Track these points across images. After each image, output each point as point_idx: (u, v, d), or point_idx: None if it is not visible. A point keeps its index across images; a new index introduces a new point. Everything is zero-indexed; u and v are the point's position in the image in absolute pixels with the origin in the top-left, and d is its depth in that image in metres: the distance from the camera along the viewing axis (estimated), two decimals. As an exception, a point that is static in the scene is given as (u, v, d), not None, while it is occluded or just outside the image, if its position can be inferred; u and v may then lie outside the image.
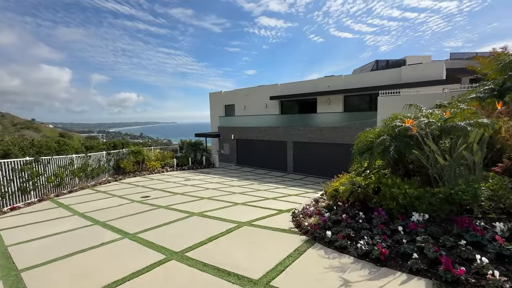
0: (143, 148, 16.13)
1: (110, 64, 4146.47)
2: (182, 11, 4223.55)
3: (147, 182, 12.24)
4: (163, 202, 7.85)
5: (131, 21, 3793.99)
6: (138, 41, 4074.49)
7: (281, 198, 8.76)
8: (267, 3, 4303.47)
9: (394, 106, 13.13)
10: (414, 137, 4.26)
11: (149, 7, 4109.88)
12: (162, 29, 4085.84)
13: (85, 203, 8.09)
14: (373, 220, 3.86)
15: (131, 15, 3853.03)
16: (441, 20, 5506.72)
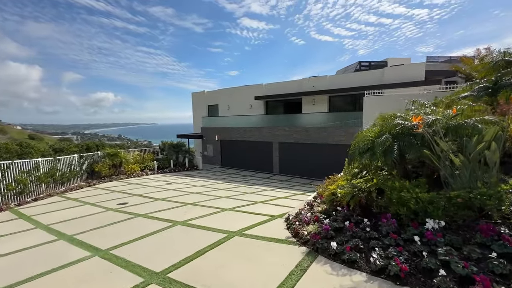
0: (120, 150, 15.05)
1: (85, 62, 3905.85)
2: (162, 10, 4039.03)
3: (125, 187, 11.30)
4: (142, 210, 7.10)
5: (107, 18, 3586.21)
6: (115, 39, 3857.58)
7: (270, 202, 8.30)
8: (249, 5, 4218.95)
9: (379, 105, 13.21)
10: (418, 136, 3.95)
11: (127, 4, 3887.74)
12: (141, 27, 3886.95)
13: (51, 213, 7.14)
14: (381, 228, 3.49)
15: (108, 12, 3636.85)
16: (414, 27, 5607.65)
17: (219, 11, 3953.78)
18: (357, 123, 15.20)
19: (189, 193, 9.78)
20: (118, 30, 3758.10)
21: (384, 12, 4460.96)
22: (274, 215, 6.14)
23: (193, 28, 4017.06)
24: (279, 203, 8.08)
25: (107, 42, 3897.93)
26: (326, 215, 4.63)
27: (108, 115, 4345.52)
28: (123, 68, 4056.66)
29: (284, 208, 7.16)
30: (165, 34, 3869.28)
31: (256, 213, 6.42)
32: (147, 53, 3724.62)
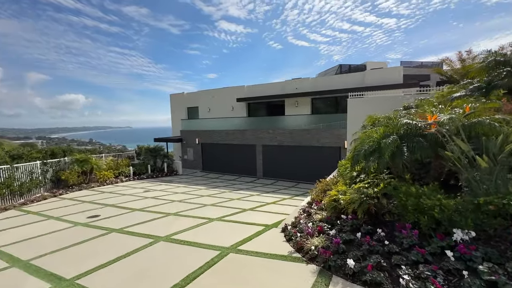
0: (91, 156, 13.73)
1: (52, 62, 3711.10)
2: (136, 10, 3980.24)
3: (97, 197, 10.17)
4: (117, 223, 6.22)
5: (77, 17, 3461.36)
6: (85, 38, 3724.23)
7: (260, 209, 7.77)
8: (226, 8, 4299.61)
9: (363, 107, 13.26)
10: (429, 136, 3.66)
11: (99, 2, 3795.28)
12: (113, 27, 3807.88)
13: (4, 232, 6.04)
14: (399, 240, 3.12)
15: (77, 10, 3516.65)
16: (383, 35, 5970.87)
17: (196, 13, 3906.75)
18: (341, 124, 15.20)
19: (170, 201, 8.96)
20: (88, 29, 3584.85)
21: (357, 20, 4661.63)
22: (268, 224, 5.62)
23: (170, 29, 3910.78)
24: (269, 210, 7.57)
25: (76, 41, 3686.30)
26: (330, 225, 4.20)
27: (78, 118, 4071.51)
28: (95, 69, 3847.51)
29: (277, 215, 6.66)
30: (139, 34, 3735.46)
31: (247, 223, 5.85)
32: (121, 53, 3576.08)
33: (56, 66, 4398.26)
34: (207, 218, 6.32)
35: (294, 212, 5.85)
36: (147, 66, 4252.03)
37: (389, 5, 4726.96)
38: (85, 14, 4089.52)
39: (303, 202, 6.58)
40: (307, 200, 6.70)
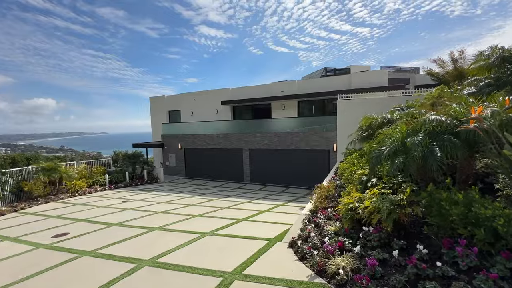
0: (60, 164, 12.31)
1: (18, 64, 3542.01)
2: (112, 11, 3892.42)
3: (66, 210, 8.92)
4: (90, 244, 5.22)
5: (46, 16, 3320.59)
6: (56, 39, 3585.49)
7: (255, 218, 7.05)
8: (206, 13, 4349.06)
9: (354, 109, 13.04)
10: (463, 133, 3.20)
11: (71, 3, 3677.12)
12: (87, 28, 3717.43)
13: None
14: (449, 260, 2.57)
15: (46, 10, 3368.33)
16: (358, 43, 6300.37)
17: (175, 17, 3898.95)
18: (330, 127, 14.94)
19: (153, 213, 7.97)
20: (60, 30, 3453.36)
21: (333, 28, 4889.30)
22: (270, 238, 4.92)
23: (148, 33, 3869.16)
24: (265, 219, 6.87)
25: (45, 43, 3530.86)
26: (349, 238, 3.60)
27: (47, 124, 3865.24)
28: (66, 72, 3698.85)
29: (276, 226, 5.98)
30: (115, 37, 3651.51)
31: (246, 237, 5.11)
32: (95, 56, 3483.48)
33: (23, 69, 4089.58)
34: (198, 233, 5.49)
35: (297, 222, 5.21)
36: (124, 69, 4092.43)
37: (362, 15, 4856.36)
38: (55, 14, 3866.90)
39: (304, 210, 5.97)
40: (309, 207, 6.10)
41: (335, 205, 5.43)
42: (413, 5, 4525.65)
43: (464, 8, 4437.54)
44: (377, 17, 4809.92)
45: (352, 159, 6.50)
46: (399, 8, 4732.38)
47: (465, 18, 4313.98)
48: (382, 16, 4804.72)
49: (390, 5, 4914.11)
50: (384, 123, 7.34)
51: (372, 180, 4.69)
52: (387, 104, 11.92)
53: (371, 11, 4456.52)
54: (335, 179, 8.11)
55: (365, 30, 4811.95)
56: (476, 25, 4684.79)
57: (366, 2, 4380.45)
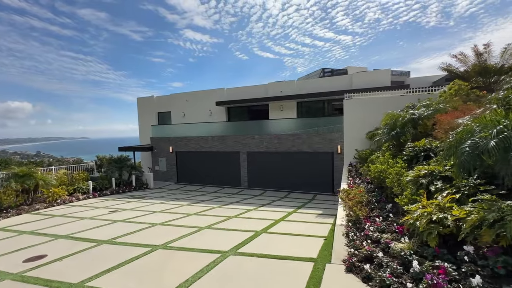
0: (36, 169, 10.76)
1: None
2: (93, 13, 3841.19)
3: (43, 223, 7.52)
4: (76, 271, 4.01)
5: (21, 16, 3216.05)
6: (32, 40, 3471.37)
7: (273, 230, 6.04)
8: (191, 17, 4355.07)
9: (361, 108, 12.40)
10: None
11: (48, 2, 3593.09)
12: (66, 29, 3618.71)
13: None
14: None
15: (22, 9, 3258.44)
16: (341, 50, 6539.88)
17: (159, 20, 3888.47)
18: (333, 129, 14.27)
19: (149, 225, 6.78)
20: (36, 30, 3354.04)
21: (317, 35, 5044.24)
22: (312, 257, 3.94)
23: (131, 36, 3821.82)
24: (287, 230, 5.86)
25: (20, 43, 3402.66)
26: (448, 262, 2.67)
27: (21, 128, 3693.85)
28: (43, 74, 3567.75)
29: (306, 239, 5.03)
30: (97, 39, 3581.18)
31: (281, 257, 4.03)
32: (75, 58, 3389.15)
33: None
34: (216, 252, 4.41)
35: (337, 235, 4.30)
36: (106, 72, 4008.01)
37: (345, 23, 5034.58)
38: (31, 14, 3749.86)
39: (338, 220, 5.06)
40: (342, 216, 5.20)
41: (379, 213, 4.56)
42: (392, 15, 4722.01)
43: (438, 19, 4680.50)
44: (358, 25, 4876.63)
45: (386, 159, 5.69)
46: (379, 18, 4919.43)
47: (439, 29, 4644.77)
48: (363, 25, 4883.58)
49: (371, 14, 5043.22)
50: (413, 120, 6.64)
51: (436, 184, 3.86)
52: (396, 103, 11.39)
53: (353, 20, 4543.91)
54: (358, 182, 7.30)
55: (348, 38, 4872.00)
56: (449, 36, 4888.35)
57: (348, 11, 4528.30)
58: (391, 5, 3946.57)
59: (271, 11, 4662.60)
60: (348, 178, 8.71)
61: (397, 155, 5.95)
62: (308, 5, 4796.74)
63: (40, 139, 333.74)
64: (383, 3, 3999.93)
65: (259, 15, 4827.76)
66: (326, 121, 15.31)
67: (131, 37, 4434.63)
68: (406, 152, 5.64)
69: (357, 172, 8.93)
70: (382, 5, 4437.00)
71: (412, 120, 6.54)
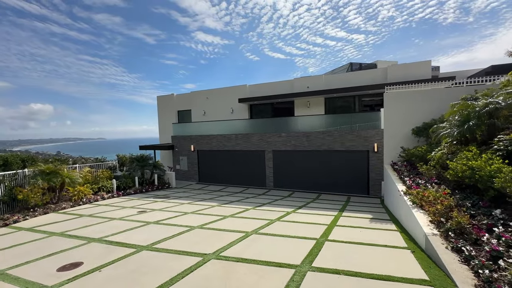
0: (62, 166, 10.37)
1: (14, 70, 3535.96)
2: (108, 18, 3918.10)
3: (71, 224, 6.99)
4: (120, 284, 3.34)
5: (42, 23, 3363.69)
6: (52, 45, 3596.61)
7: (335, 237, 5.18)
8: (203, 19, 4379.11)
9: (405, 102, 11.17)
10: None
11: (67, 8, 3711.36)
12: (84, 34, 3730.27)
13: None
14: None
15: (43, 16, 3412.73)
16: (354, 49, 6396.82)
17: (172, 23, 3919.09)
18: (367, 125, 13.20)
19: (187, 228, 6.07)
20: (56, 35, 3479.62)
21: (329, 35, 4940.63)
22: (424, 279, 3.06)
23: (145, 39, 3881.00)
24: (352, 238, 4.95)
25: (42, 48, 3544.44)
26: None
27: (43, 129, 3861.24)
28: (63, 77, 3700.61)
29: (389, 251, 4.14)
30: (112, 43, 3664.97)
31: (381, 277, 3.14)
32: (92, 62, 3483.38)
33: (19, 74, 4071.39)
34: (286, 265, 3.58)
35: (439, 249, 3.39)
36: (121, 75, 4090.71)
37: (357, 22, 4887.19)
38: (52, 20, 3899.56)
39: (425, 229, 4.12)
40: (425, 223, 4.27)
41: (484, 221, 3.61)
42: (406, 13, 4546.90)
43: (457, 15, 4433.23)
44: (371, 24, 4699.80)
45: (476, 155, 4.69)
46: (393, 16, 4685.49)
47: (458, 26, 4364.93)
48: (376, 23, 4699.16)
49: (384, 12, 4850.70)
50: (496, 109, 5.60)
51: None
52: (445, 96, 10.23)
53: (365, 18, 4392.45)
54: (421, 182, 6.29)
55: (360, 37, 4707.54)
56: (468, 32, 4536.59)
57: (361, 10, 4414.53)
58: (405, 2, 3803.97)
59: (281, 11, 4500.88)
60: (401, 178, 7.70)
61: (482, 151, 4.97)
62: (319, 4, 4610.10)
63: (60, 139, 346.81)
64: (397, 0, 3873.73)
65: (269, 16, 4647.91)
66: (358, 117, 14.23)
67: (145, 40, 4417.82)
68: (499, 145, 4.65)
69: (411, 171, 7.91)
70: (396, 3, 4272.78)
71: (495, 109, 5.50)
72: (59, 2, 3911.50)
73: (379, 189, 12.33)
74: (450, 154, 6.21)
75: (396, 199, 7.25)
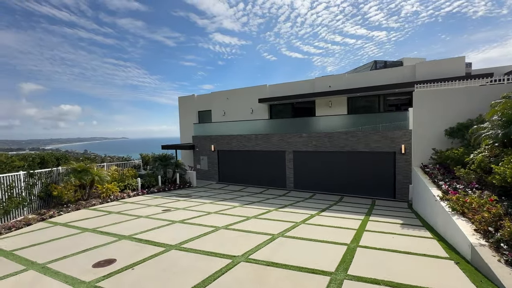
0: (91, 165, 10.85)
1: (46, 73, 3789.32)
2: (131, 22, 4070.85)
3: (102, 220, 7.27)
4: (154, 286, 3.37)
5: (71, 28, 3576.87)
6: (80, 50, 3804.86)
7: (366, 243, 4.95)
8: (220, 21, 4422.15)
9: (437, 101, 10.46)
10: None
11: (93, 14, 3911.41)
12: (108, 38, 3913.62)
13: None
14: None
15: (72, 22, 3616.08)
16: (375, 47, 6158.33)
17: (190, 25, 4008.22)
18: (392, 126, 12.63)
19: (212, 229, 6.09)
20: (84, 40, 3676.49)
21: (348, 32, 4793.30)
22: None
23: (165, 42, 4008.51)
24: (386, 245, 4.70)
25: (71, 53, 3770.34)
26: None
27: (72, 129, 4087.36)
28: (89, 80, 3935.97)
29: (433, 262, 3.87)
30: (135, 46, 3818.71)
31: None
32: (116, 65, 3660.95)
33: (51, 77, 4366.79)
34: (319, 272, 3.40)
35: (493, 264, 3.10)
36: (143, 77, 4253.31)
37: (378, 18, 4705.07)
38: (80, 26, 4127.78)
39: (471, 239, 3.81)
40: (469, 232, 3.95)
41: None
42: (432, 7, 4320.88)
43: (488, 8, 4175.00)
44: (394, 20, 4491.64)
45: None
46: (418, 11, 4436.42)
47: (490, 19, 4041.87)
48: (399, 19, 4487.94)
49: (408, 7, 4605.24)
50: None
51: None
52: (484, 94, 9.47)
53: (387, 14, 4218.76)
54: (460, 187, 5.87)
55: (382, 34, 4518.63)
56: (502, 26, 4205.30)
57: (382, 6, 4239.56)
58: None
59: (299, 10, 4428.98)
60: (435, 182, 7.24)
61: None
62: (338, 1, 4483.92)
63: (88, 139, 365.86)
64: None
65: (287, 15, 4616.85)
66: (383, 117, 13.64)
67: (165, 43, 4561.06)
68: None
69: (446, 175, 7.42)
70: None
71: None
72: (86, 8, 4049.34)
73: (407, 193, 11.76)
74: (493, 157, 5.75)
75: (430, 205, 6.83)
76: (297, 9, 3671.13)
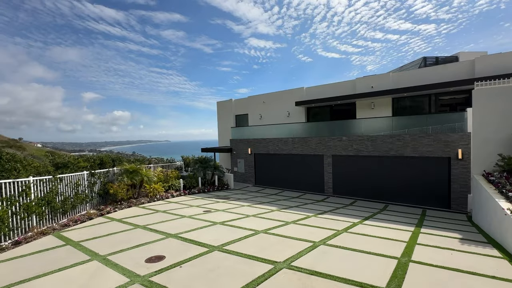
0: (141, 166, 11.80)
1: (102, 83, 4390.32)
2: (173, 33, 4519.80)
3: (151, 218, 7.85)
4: (202, 285, 3.52)
5: (123, 42, 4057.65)
6: (130, 61, 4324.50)
7: (421, 259, 4.54)
8: (255, 26, 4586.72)
9: (504, 100, 9.30)
10: None
11: (141, 28, 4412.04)
12: (153, 49, 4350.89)
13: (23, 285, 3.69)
14: None
15: (123, 36, 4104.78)
16: (422, 42, 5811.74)
17: (227, 32, 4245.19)
18: (448, 128, 11.41)
19: (252, 232, 6.15)
20: (133, 52, 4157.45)
21: (390, 28, 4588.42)
22: None
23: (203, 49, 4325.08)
24: (448, 263, 4.24)
25: (122, 64, 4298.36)
26: None
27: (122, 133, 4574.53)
28: (137, 88, 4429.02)
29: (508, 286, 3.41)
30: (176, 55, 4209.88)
31: None
32: (159, 73, 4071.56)
33: (106, 86, 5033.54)
34: (370, 287, 3.25)
35: None
36: (183, 83, 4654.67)
37: (426, 10, 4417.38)
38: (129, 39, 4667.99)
39: None
40: None
41: None
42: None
43: None
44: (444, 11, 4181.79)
45: None
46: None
47: None
48: (451, 9, 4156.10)
49: None
50: None
51: None
52: None
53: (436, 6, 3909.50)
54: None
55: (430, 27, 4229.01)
56: None
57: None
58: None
59: (336, 9, 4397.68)
60: (502, 193, 6.34)
61: None
62: None
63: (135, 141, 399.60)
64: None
65: (323, 15, 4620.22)
66: (435, 119, 12.42)
67: (203, 50, 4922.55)
68: None
69: (517, 185, 6.46)
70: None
71: None
72: (135, 23, 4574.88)
73: (465, 203, 10.53)
74: None
75: (496, 218, 6.00)
76: (333, 8, 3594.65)
